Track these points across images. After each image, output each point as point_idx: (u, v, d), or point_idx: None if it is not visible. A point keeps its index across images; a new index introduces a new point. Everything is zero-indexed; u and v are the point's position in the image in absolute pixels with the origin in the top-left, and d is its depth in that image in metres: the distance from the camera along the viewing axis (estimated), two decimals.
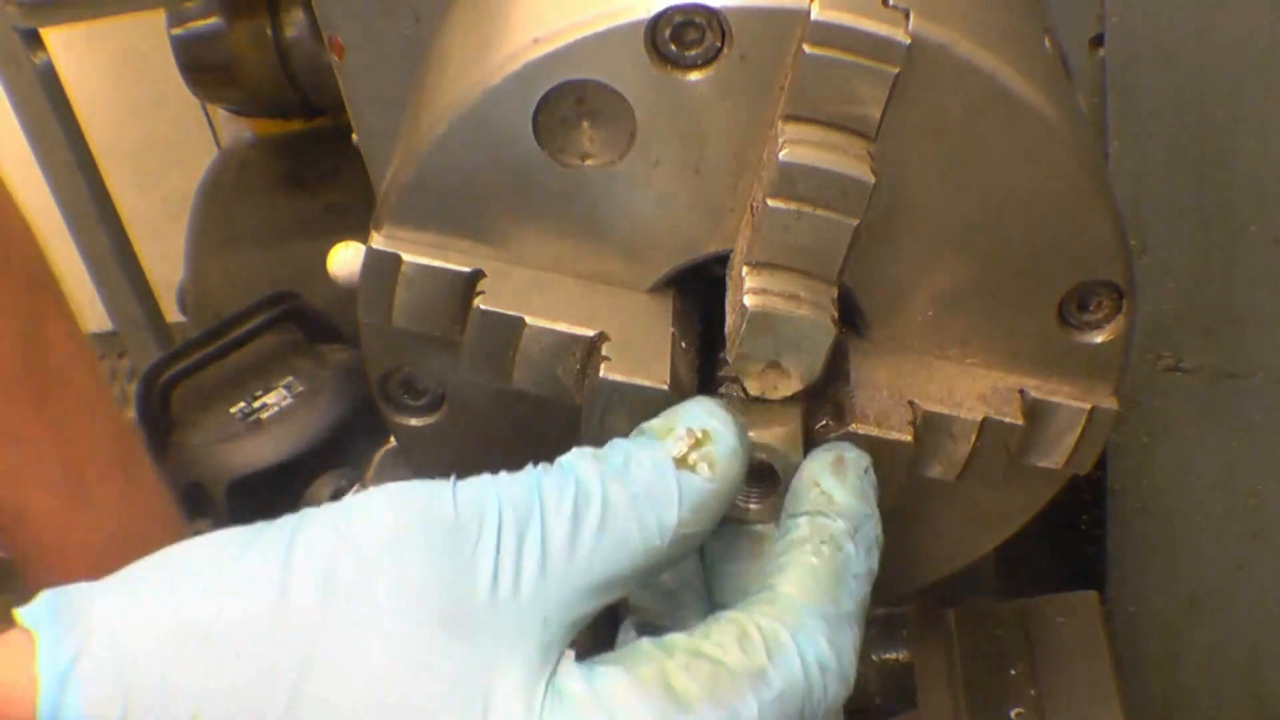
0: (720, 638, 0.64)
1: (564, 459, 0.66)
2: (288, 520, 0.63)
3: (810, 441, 0.75)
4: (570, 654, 0.63)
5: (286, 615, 0.60)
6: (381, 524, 0.62)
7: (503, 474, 0.65)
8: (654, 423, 0.68)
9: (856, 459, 0.73)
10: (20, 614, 0.60)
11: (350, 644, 0.60)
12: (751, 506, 0.74)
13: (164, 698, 0.58)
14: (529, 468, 0.65)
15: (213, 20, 2.51)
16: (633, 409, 0.72)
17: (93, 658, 0.58)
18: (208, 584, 0.61)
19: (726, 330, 0.72)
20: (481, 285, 0.75)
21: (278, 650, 0.59)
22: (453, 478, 0.64)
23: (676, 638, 0.64)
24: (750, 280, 0.70)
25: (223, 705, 0.58)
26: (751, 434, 0.70)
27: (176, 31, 2.52)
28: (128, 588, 0.62)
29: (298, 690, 0.59)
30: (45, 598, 0.61)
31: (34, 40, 2.37)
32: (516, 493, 0.63)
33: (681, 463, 0.65)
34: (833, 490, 0.71)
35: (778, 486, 0.73)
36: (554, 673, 0.62)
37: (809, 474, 0.72)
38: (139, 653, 0.59)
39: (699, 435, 0.66)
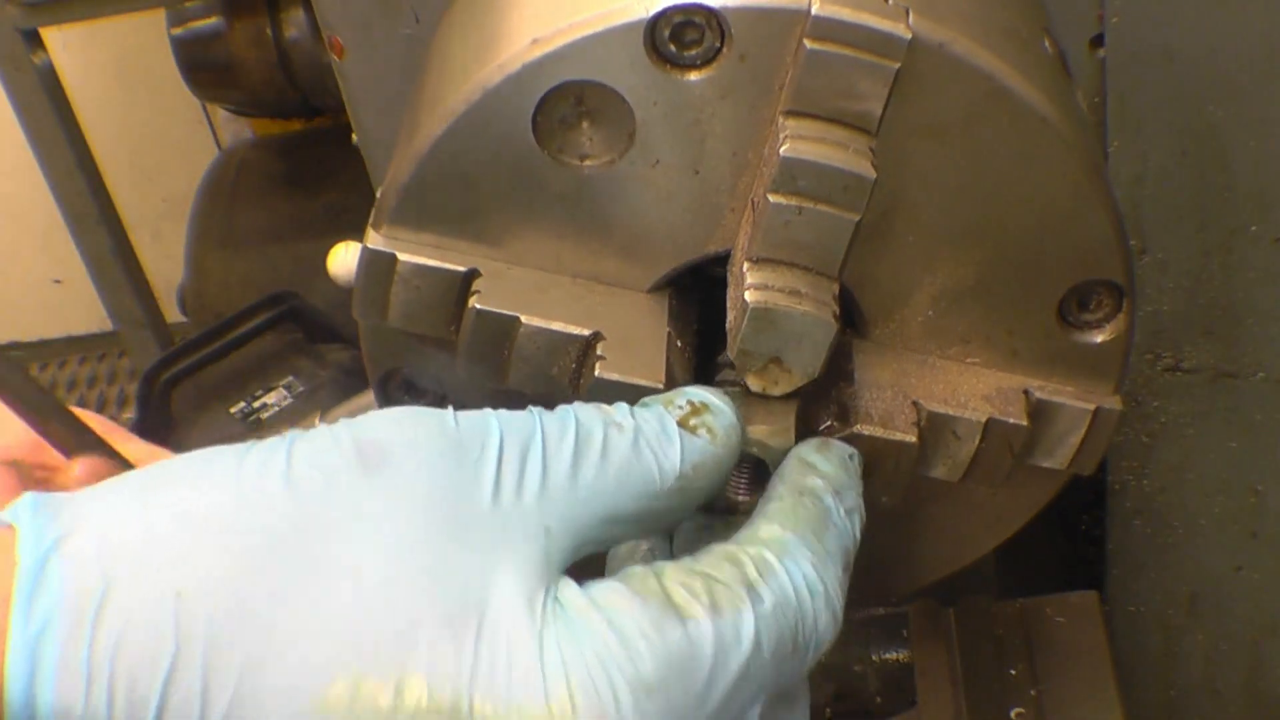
0: (710, 559, 0.65)
1: (563, 406, 0.66)
2: (281, 436, 0.62)
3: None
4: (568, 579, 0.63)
5: (282, 509, 0.59)
6: (382, 435, 0.62)
7: (502, 410, 0.65)
8: (656, 395, 0.69)
9: (841, 446, 0.74)
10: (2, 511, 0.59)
11: (347, 541, 0.59)
12: (739, 497, 0.74)
13: (147, 579, 0.57)
14: (529, 408, 0.65)
15: (213, 20, 2.51)
16: None
17: (75, 542, 0.57)
18: (201, 480, 0.60)
19: (727, 326, 0.72)
20: (477, 285, 0.75)
21: (269, 542, 0.58)
22: (450, 407, 0.64)
23: (666, 563, 0.64)
24: (751, 276, 0.70)
25: (208, 588, 0.57)
26: (746, 428, 0.70)
27: (176, 31, 2.52)
28: (116, 486, 0.61)
29: (288, 583, 0.58)
30: (28, 496, 0.60)
31: (34, 40, 2.36)
32: (518, 422, 0.64)
33: (683, 424, 0.67)
34: (815, 462, 0.72)
35: (766, 479, 0.74)
36: (554, 586, 0.61)
37: (793, 454, 0.73)
38: (123, 538, 0.58)
39: (698, 405, 0.68)
